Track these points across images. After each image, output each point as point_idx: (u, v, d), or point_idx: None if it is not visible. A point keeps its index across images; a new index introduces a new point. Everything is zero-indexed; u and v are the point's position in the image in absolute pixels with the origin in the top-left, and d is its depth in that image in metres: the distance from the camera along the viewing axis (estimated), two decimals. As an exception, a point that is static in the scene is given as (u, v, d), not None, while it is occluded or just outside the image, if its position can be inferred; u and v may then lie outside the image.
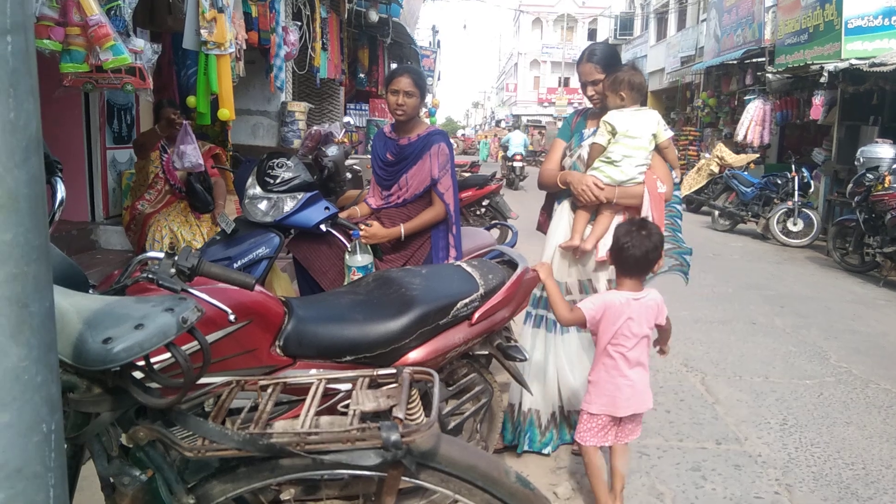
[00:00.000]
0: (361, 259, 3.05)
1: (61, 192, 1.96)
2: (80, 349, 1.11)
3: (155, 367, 1.39)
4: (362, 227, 3.17)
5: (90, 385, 1.23)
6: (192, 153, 4.14)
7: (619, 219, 2.93)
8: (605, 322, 2.47)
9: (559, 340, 3.06)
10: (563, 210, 3.09)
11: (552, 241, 3.08)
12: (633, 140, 2.87)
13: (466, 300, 2.21)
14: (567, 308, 2.58)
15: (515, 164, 17.54)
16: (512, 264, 2.53)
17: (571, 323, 2.59)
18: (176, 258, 1.70)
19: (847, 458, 3.22)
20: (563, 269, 3.01)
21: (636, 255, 2.44)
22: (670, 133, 3.01)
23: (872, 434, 3.50)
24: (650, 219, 2.87)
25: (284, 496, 1.59)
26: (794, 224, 9.68)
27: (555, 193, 3.21)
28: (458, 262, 2.52)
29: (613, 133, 2.87)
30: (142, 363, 1.28)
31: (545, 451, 3.08)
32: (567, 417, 3.12)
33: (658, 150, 2.97)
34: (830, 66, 9.73)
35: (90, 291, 1.64)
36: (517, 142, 17.96)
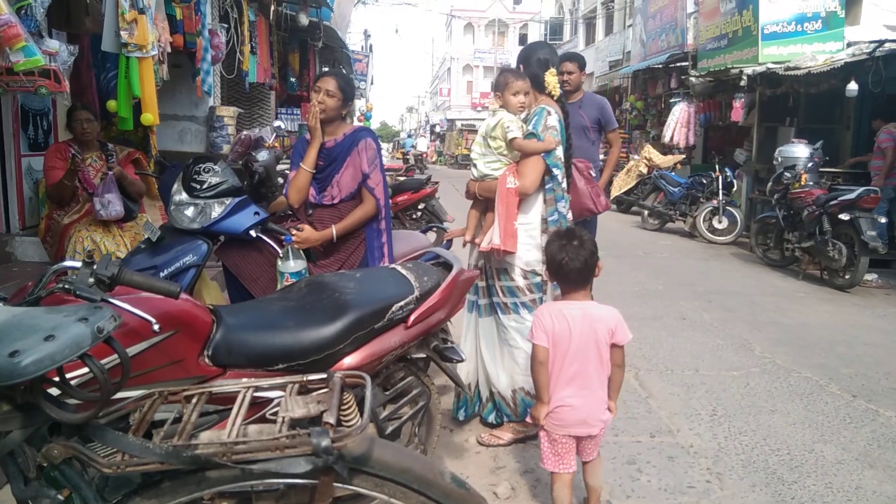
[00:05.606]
0: (294, 265, 2.99)
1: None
2: (-17, 364, 1.04)
3: (74, 381, 1.32)
4: (294, 231, 3.11)
5: (-3, 402, 1.15)
6: (116, 201, 4.13)
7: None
8: (555, 338, 2.39)
9: (480, 322, 3.32)
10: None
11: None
12: (484, 139, 3.16)
13: (402, 303, 2.19)
14: (541, 375, 2.41)
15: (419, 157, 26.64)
16: (447, 266, 2.53)
17: (542, 364, 2.41)
18: (95, 267, 1.62)
19: (773, 445, 3.34)
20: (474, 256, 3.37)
21: (577, 267, 2.42)
22: (515, 133, 3.05)
23: (795, 421, 3.65)
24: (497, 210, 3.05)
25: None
26: (720, 222, 10.05)
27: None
28: (393, 265, 2.50)
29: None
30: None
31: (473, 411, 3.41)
32: (492, 396, 3.28)
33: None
34: (749, 70, 10.14)
35: (1, 305, 1.54)
36: (408, 143, 27.45)
